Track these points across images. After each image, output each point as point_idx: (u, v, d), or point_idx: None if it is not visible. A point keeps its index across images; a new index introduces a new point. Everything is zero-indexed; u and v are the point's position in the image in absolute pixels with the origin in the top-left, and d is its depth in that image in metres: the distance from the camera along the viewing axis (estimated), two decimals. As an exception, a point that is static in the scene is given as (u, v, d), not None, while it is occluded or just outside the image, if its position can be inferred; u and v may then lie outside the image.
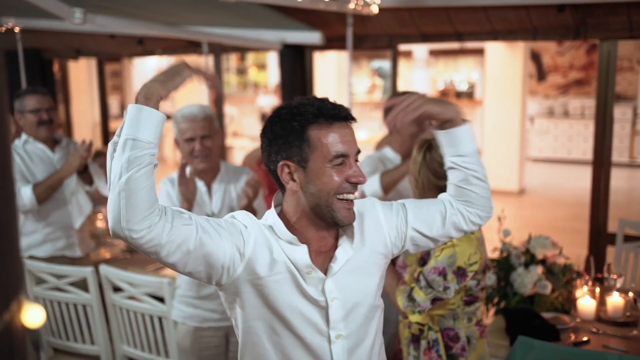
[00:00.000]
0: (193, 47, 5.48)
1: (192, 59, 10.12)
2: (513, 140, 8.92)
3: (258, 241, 1.42)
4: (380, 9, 3.99)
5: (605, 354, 2.04)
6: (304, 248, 1.44)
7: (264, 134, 1.45)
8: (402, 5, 4.14)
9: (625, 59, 11.31)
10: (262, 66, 13.71)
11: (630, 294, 2.66)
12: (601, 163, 4.16)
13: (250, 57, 13.76)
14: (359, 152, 1.45)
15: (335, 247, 1.50)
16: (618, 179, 5.78)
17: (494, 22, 4.20)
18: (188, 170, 2.52)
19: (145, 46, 5.62)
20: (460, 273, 2.08)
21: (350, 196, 1.42)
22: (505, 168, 8.98)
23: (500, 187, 8.98)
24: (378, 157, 3.07)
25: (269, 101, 10.70)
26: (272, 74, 12.23)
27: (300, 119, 1.38)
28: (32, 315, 0.71)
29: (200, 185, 2.68)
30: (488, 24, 4.25)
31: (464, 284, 2.11)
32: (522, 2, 3.90)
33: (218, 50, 5.53)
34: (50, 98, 3.26)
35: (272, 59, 11.54)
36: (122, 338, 3.02)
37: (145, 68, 15.00)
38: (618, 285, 2.70)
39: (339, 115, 1.39)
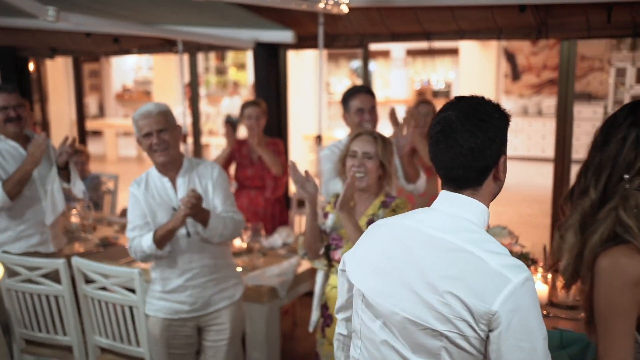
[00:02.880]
0: (168, 45, 5.56)
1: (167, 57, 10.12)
2: (487, 138, 9.07)
3: None
4: (351, 9, 4.10)
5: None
6: None
7: (484, 131, 1.39)
8: (371, 4, 4.26)
9: (597, 59, 11.55)
10: (241, 66, 13.77)
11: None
12: (562, 160, 4.31)
13: (230, 56, 13.82)
14: None
15: None
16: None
17: (460, 21, 4.33)
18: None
19: (121, 44, 5.69)
20: None
21: None
22: (479, 166, 9.13)
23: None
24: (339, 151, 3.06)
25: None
26: (252, 74, 12.32)
27: (505, 118, 1.45)
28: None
29: (165, 181, 2.74)
30: (455, 24, 4.37)
31: None
32: (485, 3, 4.04)
33: (193, 49, 5.61)
34: (18, 95, 3.30)
35: (252, 59, 11.64)
36: (94, 328, 3.09)
37: (124, 67, 14.97)
38: (570, 272, 2.83)
39: None
